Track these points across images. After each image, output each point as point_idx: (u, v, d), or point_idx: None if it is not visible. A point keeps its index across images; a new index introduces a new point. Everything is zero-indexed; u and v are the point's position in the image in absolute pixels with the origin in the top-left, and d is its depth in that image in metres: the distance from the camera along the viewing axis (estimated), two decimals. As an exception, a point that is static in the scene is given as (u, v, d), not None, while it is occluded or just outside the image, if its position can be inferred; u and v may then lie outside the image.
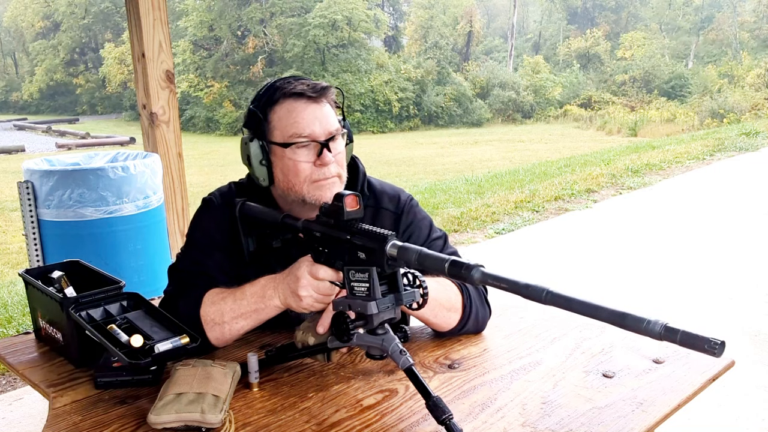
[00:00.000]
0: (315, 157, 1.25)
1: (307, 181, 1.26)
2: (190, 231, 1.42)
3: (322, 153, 1.25)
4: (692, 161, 8.84)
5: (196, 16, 33.43)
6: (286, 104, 1.26)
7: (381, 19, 34.35)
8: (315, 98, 1.26)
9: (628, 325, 0.75)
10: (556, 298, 0.80)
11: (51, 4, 43.00)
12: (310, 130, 1.24)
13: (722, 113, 21.70)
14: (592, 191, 7.03)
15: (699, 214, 5.88)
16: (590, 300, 0.79)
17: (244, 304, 1.23)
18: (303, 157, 1.25)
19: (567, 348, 1.29)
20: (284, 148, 1.26)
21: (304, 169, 1.26)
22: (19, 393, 2.86)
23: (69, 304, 1.24)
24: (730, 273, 4.22)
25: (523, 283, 0.83)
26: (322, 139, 1.25)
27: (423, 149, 20.81)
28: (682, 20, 39.81)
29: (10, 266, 6.99)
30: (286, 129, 1.25)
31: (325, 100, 1.28)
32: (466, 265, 0.90)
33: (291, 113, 1.25)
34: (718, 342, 0.69)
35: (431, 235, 1.43)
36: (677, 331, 0.71)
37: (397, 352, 1.03)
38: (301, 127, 1.24)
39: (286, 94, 1.26)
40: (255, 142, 1.28)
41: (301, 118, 1.25)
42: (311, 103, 1.25)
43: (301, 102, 1.25)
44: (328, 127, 1.26)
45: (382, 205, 1.41)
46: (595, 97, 31.67)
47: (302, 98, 1.25)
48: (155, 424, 1.01)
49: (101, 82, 41.29)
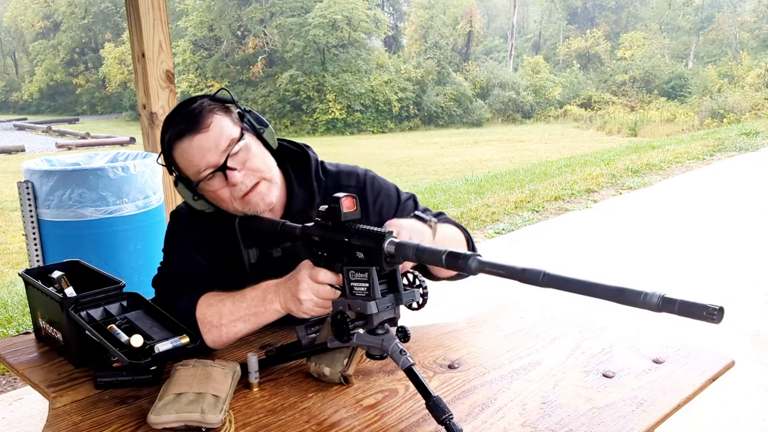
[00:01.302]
0: (225, 181, 1.26)
1: (235, 200, 1.28)
2: (167, 242, 1.42)
3: (228, 176, 1.25)
4: (692, 161, 8.84)
5: (196, 16, 33.45)
6: (178, 149, 1.28)
7: (381, 19, 34.36)
8: (195, 130, 1.25)
9: (626, 299, 0.75)
10: (554, 279, 0.81)
11: (51, 4, 43.02)
12: (205, 162, 1.26)
13: (722, 113, 21.71)
14: (592, 191, 7.03)
15: (699, 214, 5.88)
16: (587, 279, 0.79)
17: (244, 307, 1.23)
18: (216, 186, 1.28)
19: (567, 348, 1.29)
20: (198, 185, 1.29)
21: (224, 195, 1.28)
22: (19, 393, 2.86)
23: (69, 304, 1.24)
24: (730, 273, 4.22)
25: (520, 268, 0.84)
26: (220, 164, 1.25)
27: (423, 149, 20.82)
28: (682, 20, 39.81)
29: (10, 266, 6.99)
30: (189, 169, 1.28)
31: (209, 120, 1.26)
32: (463, 255, 0.90)
33: (184, 155, 1.27)
34: (716, 308, 0.69)
35: (401, 198, 1.45)
36: (675, 301, 0.71)
37: (397, 352, 1.03)
38: (197, 164, 1.26)
39: (173, 139, 1.28)
40: (180, 183, 1.33)
41: (193, 156, 1.26)
42: (195, 135, 1.25)
43: (186, 141, 1.26)
44: (221, 147, 1.25)
45: (342, 184, 1.42)
46: (595, 97, 31.69)
47: (185, 136, 1.26)
48: (155, 424, 1.01)
49: (101, 82, 41.32)
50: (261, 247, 1.28)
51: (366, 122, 30.02)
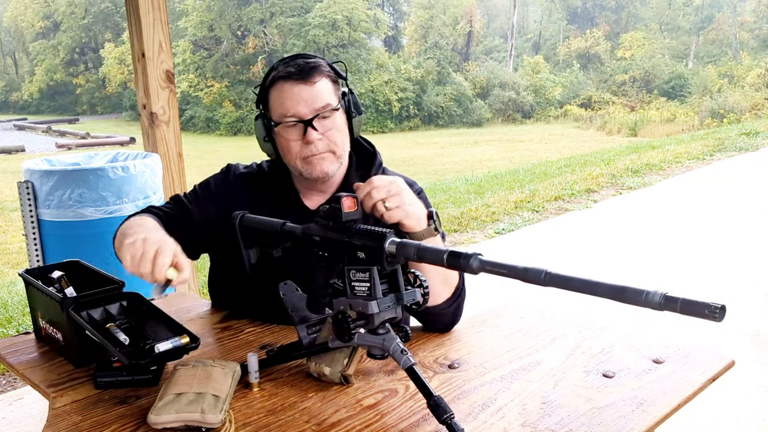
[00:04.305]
0: (302, 136, 1.33)
1: (298, 157, 1.35)
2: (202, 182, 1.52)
3: (307, 131, 1.32)
4: (692, 161, 8.84)
5: (196, 16, 33.45)
6: (278, 86, 1.35)
7: (381, 19, 34.36)
8: (302, 79, 1.32)
9: (628, 298, 0.75)
10: (555, 278, 0.81)
11: (51, 4, 43.02)
12: (294, 110, 1.32)
13: (722, 113, 21.71)
14: (592, 191, 7.03)
15: (699, 214, 5.88)
16: (589, 277, 0.79)
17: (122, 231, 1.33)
18: (292, 136, 1.34)
19: (567, 348, 1.29)
20: (276, 127, 1.36)
21: (293, 147, 1.35)
22: (19, 393, 2.86)
23: (69, 304, 1.24)
24: (730, 273, 4.22)
25: (522, 267, 0.84)
26: (307, 118, 1.32)
27: (423, 149, 20.82)
28: (682, 20, 39.82)
29: (10, 266, 6.99)
30: (276, 109, 1.35)
31: (317, 78, 1.33)
32: (464, 255, 0.91)
33: (280, 94, 1.34)
34: (719, 306, 0.69)
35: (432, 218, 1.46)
36: (677, 300, 0.71)
37: (398, 351, 1.03)
38: (287, 108, 1.33)
39: (277, 77, 1.35)
40: (260, 120, 1.40)
41: (287, 99, 1.33)
42: (298, 83, 1.32)
43: (289, 83, 1.33)
44: (314, 105, 1.32)
45: None
46: (595, 97, 31.68)
47: (290, 80, 1.33)
48: (155, 424, 1.01)
49: (101, 82, 41.32)
50: (261, 247, 1.28)
51: (366, 122, 29.89)
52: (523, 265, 0.84)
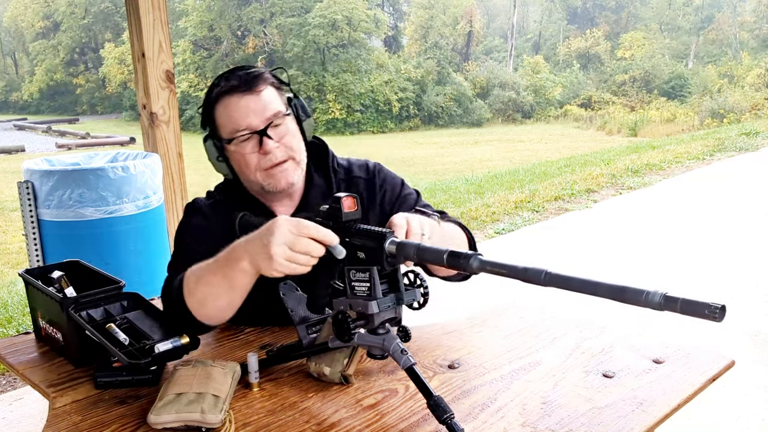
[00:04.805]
0: (258, 147, 1.28)
1: (258, 170, 1.30)
2: (178, 234, 1.41)
3: (263, 142, 1.27)
4: (692, 161, 8.84)
5: (196, 16, 33.44)
6: (224, 102, 1.29)
7: (381, 19, 34.34)
8: (247, 90, 1.28)
9: (628, 298, 0.75)
10: (555, 278, 0.81)
11: (51, 4, 43.01)
12: (246, 123, 1.28)
13: (722, 113, 21.71)
14: (592, 191, 7.03)
15: (699, 214, 5.88)
16: (589, 277, 0.79)
17: (214, 268, 1.15)
18: (248, 149, 1.29)
19: (567, 348, 1.29)
20: (230, 143, 1.30)
21: (251, 160, 1.30)
22: (19, 393, 2.86)
23: (69, 304, 1.24)
24: (731, 273, 4.22)
25: (522, 267, 0.84)
26: (261, 128, 1.28)
27: (423, 149, 20.83)
28: (682, 20, 39.82)
29: (10, 266, 6.99)
30: (227, 126, 1.30)
31: (262, 87, 1.29)
32: (464, 255, 0.91)
33: (227, 109, 1.29)
34: (719, 306, 0.69)
35: (403, 190, 1.47)
36: (677, 300, 0.72)
37: (398, 351, 1.03)
38: (238, 122, 1.28)
39: (221, 93, 1.30)
40: (209, 141, 1.35)
41: (236, 112, 1.28)
42: (245, 95, 1.28)
43: (235, 97, 1.28)
44: (265, 114, 1.28)
45: (354, 175, 1.45)
46: (595, 97, 31.68)
47: (235, 93, 1.28)
48: (155, 424, 1.01)
49: (101, 82, 41.32)
50: None
51: (366, 122, 30.00)
52: (523, 265, 0.84)
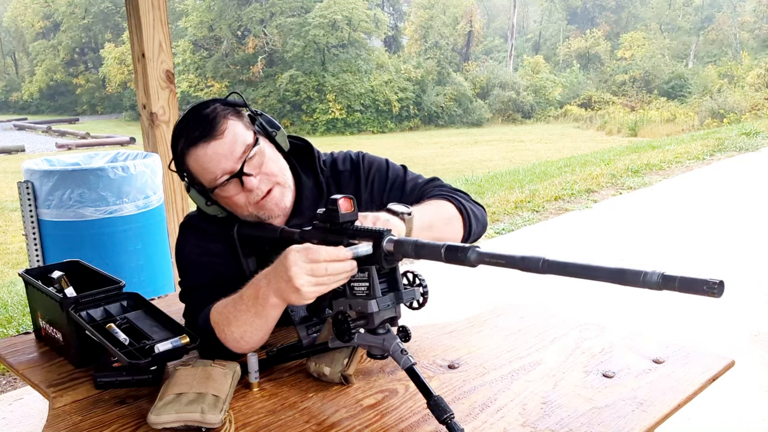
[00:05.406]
0: (241, 187, 1.26)
1: (249, 205, 1.28)
2: (179, 255, 1.38)
3: (244, 182, 1.25)
4: (692, 161, 8.84)
5: (196, 16, 33.44)
6: (192, 155, 1.26)
7: (381, 19, 34.33)
8: (211, 137, 1.24)
9: (627, 279, 0.76)
10: (553, 265, 0.81)
11: (51, 4, 43.00)
12: (220, 169, 1.24)
13: (722, 113, 21.70)
14: (592, 191, 7.02)
15: (699, 214, 5.88)
16: (587, 262, 0.79)
17: (243, 310, 1.17)
18: (232, 192, 1.27)
19: (567, 348, 1.29)
20: (213, 192, 1.28)
21: (239, 200, 1.28)
22: (19, 393, 2.86)
23: (69, 304, 1.24)
24: (731, 273, 4.21)
25: (519, 257, 0.84)
26: (237, 170, 1.24)
27: (423, 149, 20.82)
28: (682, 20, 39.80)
29: (10, 266, 6.99)
30: (204, 177, 1.27)
31: (223, 126, 1.25)
32: (462, 248, 0.92)
33: (198, 162, 1.26)
34: (717, 282, 0.69)
35: (390, 173, 1.45)
36: (675, 278, 0.72)
37: (398, 351, 1.03)
38: (213, 171, 1.25)
39: (186, 146, 1.26)
40: (193, 190, 1.31)
41: (208, 162, 1.25)
42: (210, 142, 1.24)
43: (200, 147, 1.24)
44: (235, 155, 1.24)
45: (339, 169, 1.44)
46: (595, 97, 31.67)
47: (200, 143, 1.24)
48: (155, 424, 1.01)
49: (101, 82, 41.31)
50: (261, 254, 1.27)
51: (366, 122, 30.01)
52: (520, 254, 0.84)
